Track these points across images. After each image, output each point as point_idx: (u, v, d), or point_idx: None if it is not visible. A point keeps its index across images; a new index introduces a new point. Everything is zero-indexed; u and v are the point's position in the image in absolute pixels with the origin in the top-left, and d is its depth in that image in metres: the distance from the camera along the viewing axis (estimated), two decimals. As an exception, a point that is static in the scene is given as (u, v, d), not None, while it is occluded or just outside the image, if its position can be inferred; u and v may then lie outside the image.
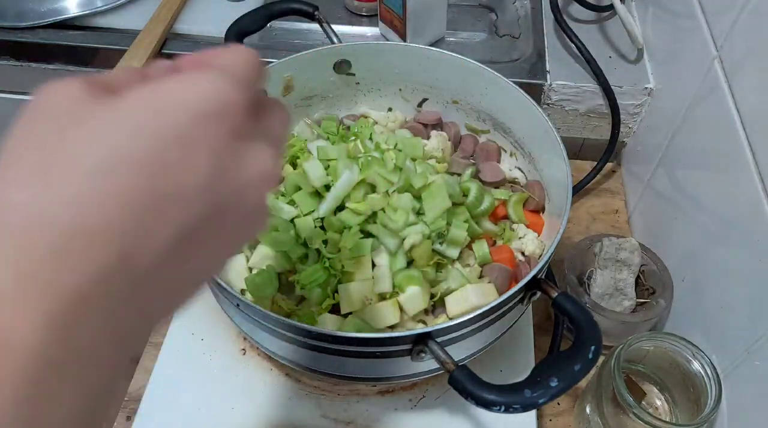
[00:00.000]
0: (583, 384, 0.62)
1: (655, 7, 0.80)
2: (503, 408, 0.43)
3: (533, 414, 0.61)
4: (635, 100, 0.81)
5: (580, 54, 0.81)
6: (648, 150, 0.79)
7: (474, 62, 0.67)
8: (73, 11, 0.86)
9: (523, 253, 0.64)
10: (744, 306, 0.53)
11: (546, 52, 0.84)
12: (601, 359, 0.59)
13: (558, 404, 0.67)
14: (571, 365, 0.44)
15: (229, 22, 0.70)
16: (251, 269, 0.60)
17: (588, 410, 0.61)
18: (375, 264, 0.57)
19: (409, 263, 0.58)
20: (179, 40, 0.86)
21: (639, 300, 0.67)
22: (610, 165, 0.88)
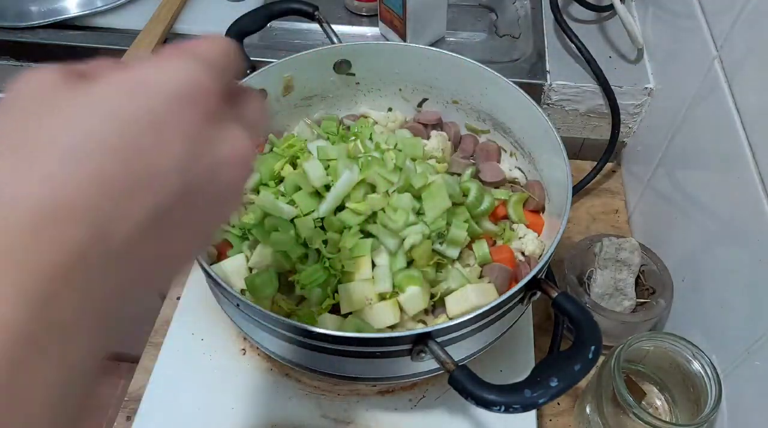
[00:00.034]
0: (583, 384, 0.62)
1: (655, 7, 0.80)
2: (503, 408, 0.43)
3: (533, 414, 0.61)
4: (635, 100, 0.81)
5: (580, 54, 0.81)
6: (648, 150, 0.79)
7: (474, 62, 0.67)
8: (73, 11, 0.86)
9: (523, 253, 0.64)
10: (744, 306, 0.53)
11: (546, 52, 0.85)
12: (601, 359, 0.59)
13: (558, 404, 0.67)
14: (571, 365, 0.44)
15: (229, 22, 0.70)
16: (251, 269, 0.60)
17: (588, 410, 0.61)
18: (375, 264, 0.57)
19: (409, 263, 0.58)
20: (179, 40, 0.85)
21: (639, 300, 0.67)
22: (610, 165, 0.88)
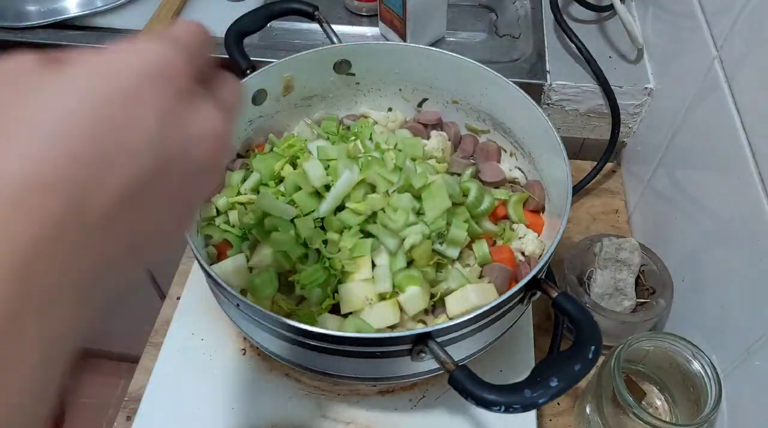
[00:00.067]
0: (583, 384, 0.62)
1: (655, 7, 0.80)
2: (503, 408, 0.43)
3: (533, 414, 0.61)
4: (635, 100, 0.81)
5: (580, 54, 0.81)
6: (648, 150, 0.79)
7: (474, 62, 0.67)
8: (73, 11, 0.86)
9: (523, 253, 0.64)
10: (744, 307, 0.53)
11: (546, 52, 0.85)
12: (601, 359, 0.59)
13: (558, 404, 0.67)
14: (571, 365, 0.44)
15: (229, 22, 0.70)
16: (251, 269, 0.60)
17: (588, 410, 0.61)
18: (375, 264, 0.57)
19: (409, 263, 0.58)
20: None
21: (639, 300, 0.67)
22: (610, 165, 0.88)
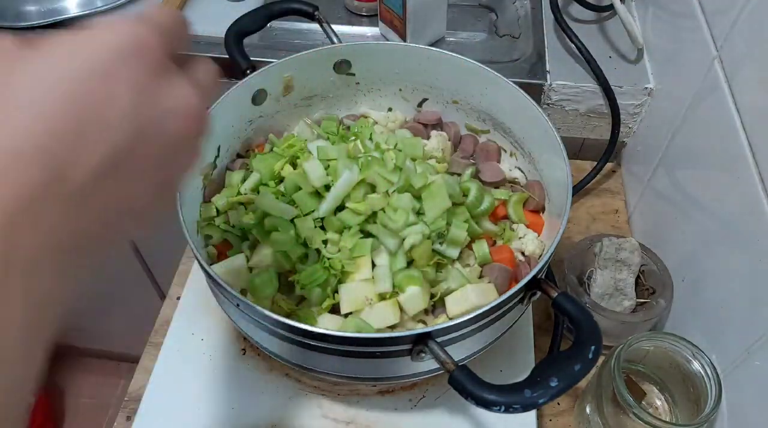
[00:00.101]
0: (583, 384, 0.62)
1: (655, 7, 0.80)
2: (503, 408, 0.43)
3: (533, 414, 0.61)
4: (635, 100, 0.81)
5: (580, 54, 0.81)
6: (648, 150, 0.79)
7: (474, 62, 0.67)
8: (73, 11, 0.86)
9: (523, 253, 0.64)
10: (744, 307, 0.53)
11: (546, 52, 0.85)
12: (601, 359, 0.59)
13: (558, 404, 0.67)
14: (571, 365, 0.44)
15: (229, 22, 0.70)
16: (251, 269, 0.60)
17: (588, 410, 0.61)
18: (375, 264, 0.57)
19: (409, 263, 0.58)
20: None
21: (639, 300, 0.67)
22: (610, 165, 0.88)
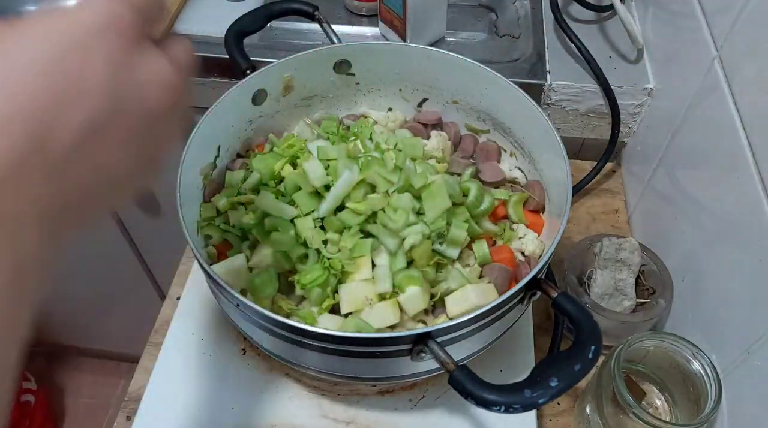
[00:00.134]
0: (583, 384, 0.62)
1: (655, 7, 0.80)
2: (503, 408, 0.43)
3: (533, 414, 0.61)
4: (635, 100, 0.81)
5: (580, 54, 0.81)
6: (648, 150, 0.79)
7: (474, 62, 0.67)
8: (73, 11, 0.86)
9: (523, 253, 0.64)
10: (744, 307, 0.53)
11: (546, 52, 0.85)
12: (601, 359, 0.59)
13: (558, 404, 0.67)
14: (571, 365, 0.44)
15: (229, 22, 0.70)
16: (251, 269, 0.60)
17: (588, 410, 0.61)
18: (375, 264, 0.57)
19: (409, 263, 0.58)
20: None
21: (639, 300, 0.67)
22: (610, 165, 0.89)
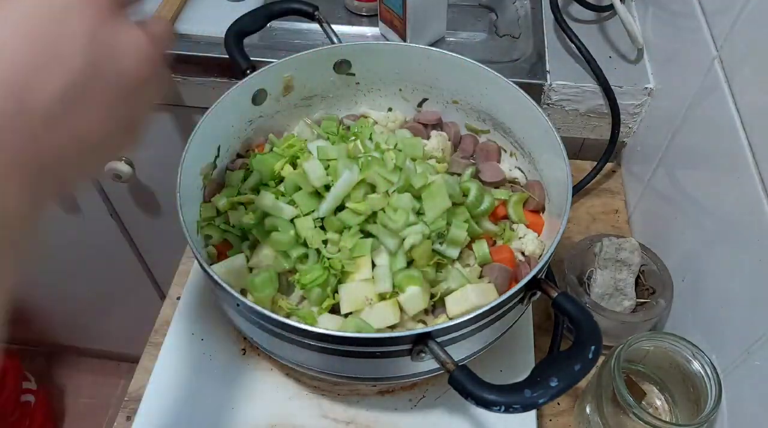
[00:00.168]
0: (583, 384, 0.62)
1: (655, 7, 0.80)
2: (503, 408, 0.43)
3: (533, 414, 0.61)
4: (635, 100, 0.81)
5: (580, 54, 0.81)
6: (648, 150, 0.79)
7: (474, 62, 0.67)
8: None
9: (523, 253, 0.64)
10: (744, 307, 0.53)
11: (546, 52, 0.85)
12: (601, 359, 0.59)
13: (558, 404, 0.67)
14: (571, 365, 0.44)
15: (229, 22, 0.70)
16: (251, 269, 0.60)
17: (588, 410, 0.61)
18: (375, 264, 0.57)
19: (409, 263, 0.58)
20: (179, 40, 0.86)
21: (639, 300, 0.67)
22: (610, 165, 0.89)
